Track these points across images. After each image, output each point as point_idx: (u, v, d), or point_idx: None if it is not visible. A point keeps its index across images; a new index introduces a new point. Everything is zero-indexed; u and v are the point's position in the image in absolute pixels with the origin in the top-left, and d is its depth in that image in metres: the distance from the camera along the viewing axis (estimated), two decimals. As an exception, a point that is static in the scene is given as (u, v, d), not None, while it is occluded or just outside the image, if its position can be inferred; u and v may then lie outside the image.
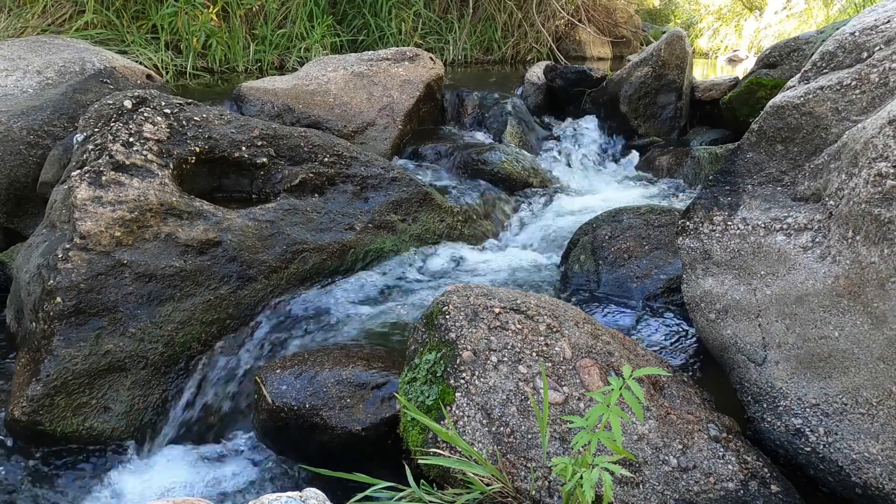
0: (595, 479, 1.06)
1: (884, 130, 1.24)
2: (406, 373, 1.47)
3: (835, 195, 1.39)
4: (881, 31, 1.52)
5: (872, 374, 1.29)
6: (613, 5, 8.05)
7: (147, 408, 1.75)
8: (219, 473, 1.61)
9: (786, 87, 1.67)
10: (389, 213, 2.46)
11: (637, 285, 2.19)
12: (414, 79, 3.72)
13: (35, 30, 4.16)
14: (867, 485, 1.34)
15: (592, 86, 4.28)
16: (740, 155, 1.67)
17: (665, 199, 3.28)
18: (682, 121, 4.01)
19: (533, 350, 1.45)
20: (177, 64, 4.65)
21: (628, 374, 1.12)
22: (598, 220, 2.46)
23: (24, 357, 1.76)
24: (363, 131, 3.36)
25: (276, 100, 3.23)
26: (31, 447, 1.67)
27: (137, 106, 2.16)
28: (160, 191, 1.96)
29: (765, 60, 3.64)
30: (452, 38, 6.45)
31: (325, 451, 1.52)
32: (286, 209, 2.22)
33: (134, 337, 1.77)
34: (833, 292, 1.34)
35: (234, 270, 1.99)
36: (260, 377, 1.61)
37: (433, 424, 1.29)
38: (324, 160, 2.42)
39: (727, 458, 1.39)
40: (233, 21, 4.98)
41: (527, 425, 1.34)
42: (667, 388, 1.53)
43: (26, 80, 2.87)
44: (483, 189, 3.09)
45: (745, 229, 1.55)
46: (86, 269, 1.76)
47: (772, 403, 1.48)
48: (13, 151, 2.50)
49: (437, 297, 1.55)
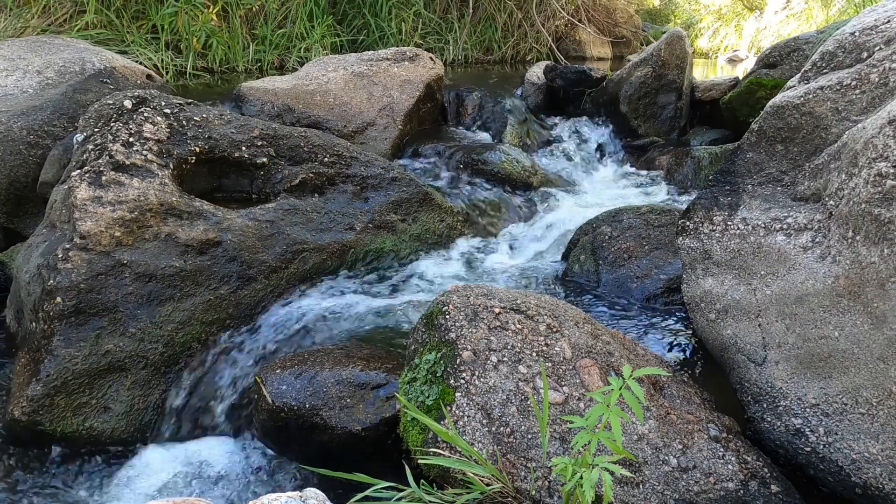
0: (595, 479, 1.06)
1: (884, 130, 1.24)
2: (406, 373, 1.47)
3: (835, 195, 1.39)
4: (881, 31, 1.52)
5: (872, 374, 1.29)
6: (613, 5, 8.05)
7: (147, 408, 1.75)
8: (219, 473, 1.61)
9: (786, 87, 1.67)
10: (389, 213, 2.46)
11: (637, 285, 2.19)
12: (414, 79, 3.72)
13: (35, 30, 4.16)
14: (867, 485, 1.34)
15: (592, 86, 4.28)
16: (740, 155, 1.67)
17: (665, 199, 3.28)
18: (682, 121, 4.01)
19: (533, 350, 1.45)
20: (177, 64, 4.65)
21: (628, 374, 1.11)
22: (598, 220, 2.46)
23: (24, 357, 1.76)
24: (363, 131, 3.36)
25: (276, 100, 3.23)
26: (31, 447, 1.67)
27: (137, 106, 2.16)
28: (160, 191, 1.96)
29: (765, 60, 3.64)
30: (452, 38, 6.44)
31: (325, 451, 1.52)
32: (286, 209, 2.22)
33: (134, 337, 1.77)
34: (833, 292, 1.34)
35: (234, 270, 1.99)
36: (260, 377, 1.61)
37: (433, 424, 1.29)
38: (324, 160, 2.42)
39: (727, 458, 1.39)
40: (233, 21, 4.98)
41: (527, 425, 1.34)
42: (667, 388, 1.53)
43: (26, 80, 2.87)
44: (483, 189, 3.09)
45: (745, 229, 1.55)
46: (86, 269, 1.76)
47: (772, 403, 1.48)
48: (13, 151, 2.50)
49: (437, 297, 1.55)
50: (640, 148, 3.91)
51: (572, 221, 2.91)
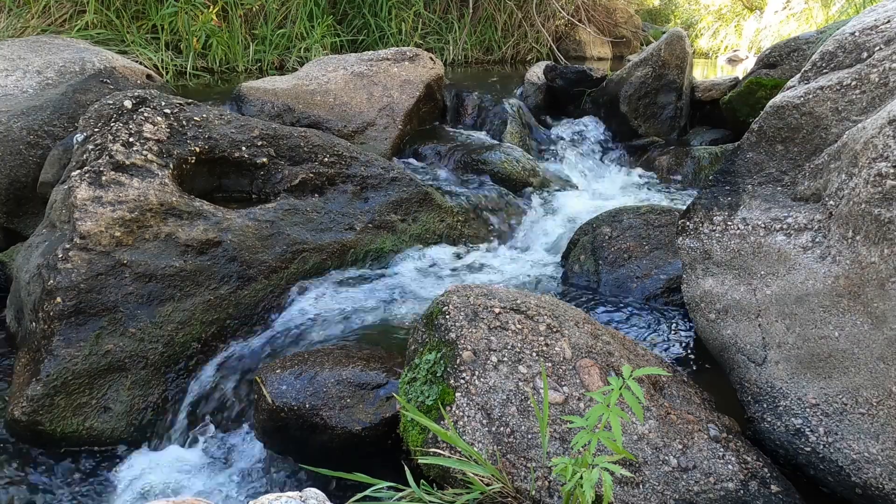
0: (595, 479, 1.06)
1: (884, 130, 1.24)
2: (406, 373, 1.47)
3: (835, 195, 1.39)
4: (881, 31, 1.52)
5: (872, 374, 1.29)
6: (613, 5, 8.05)
7: (147, 408, 1.75)
8: (218, 473, 1.61)
9: (786, 87, 1.67)
10: (389, 213, 2.46)
11: (637, 285, 2.19)
12: (414, 79, 3.72)
13: (35, 30, 4.16)
14: (867, 485, 1.34)
15: (592, 86, 4.28)
16: (740, 155, 1.67)
17: (665, 199, 3.28)
18: (682, 121, 4.01)
19: (533, 350, 1.45)
20: (177, 64, 4.65)
21: (628, 374, 1.12)
22: (598, 220, 2.46)
23: (24, 357, 1.76)
24: (363, 131, 3.36)
25: (276, 100, 3.23)
26: (31, 447, 1.67)
27: (137, 106, 2.16)
28: (160, 191, 1.96)
29: (765, 60, 3.64)
30: (452, 38, 6.44)
31: (325, 451, 1.52)
32: (286, 209, 2.22)
33: (134, 337, 1.77)
34: (833, 292, 1.34)
35: (234, 270, 1.99)
36: (260, 377, 1.61)
37: (433, 425, 1.29)
38: (324, 160, 2.42)
39: (727, 458, 1.39)
40: (233, 21, 4.98)
41: (527, 425, 1.34)
42: (667, 388, 1.53)
43: (26, 80, 2.87)
44: (483, 189, 3.09)
45: (745, 229, 1.55)
46: (86, 269, 1.76)
47: (772, 403, 1.48)
48: (13, 151, 2.50)
49: (437, 296, 1.55)
50: (640, 148, 3.91)
51: (572, 221, 2.91)
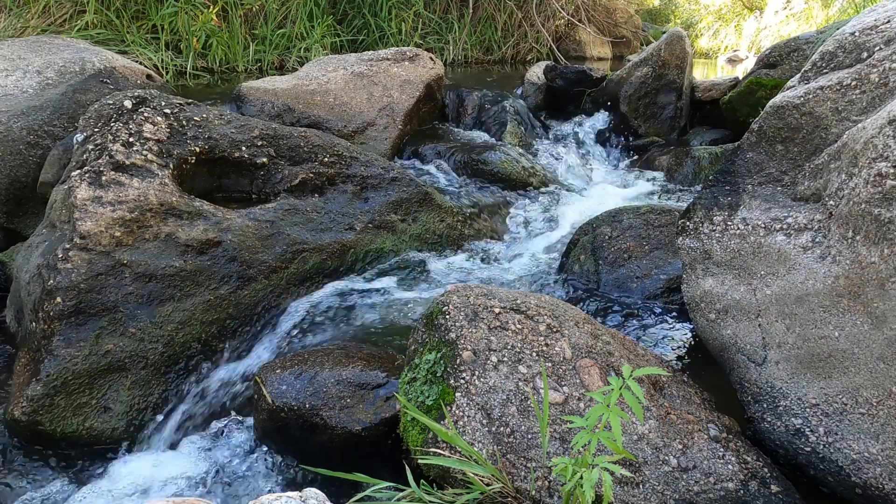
0: (595, 479, 1.06)
1: (884, 130, 1.24)
2: (406, 373, 1.47)
3: (835, 195, 1.39)
4: (881, 31, 1.52)
5: (872, 374, 1.29)
6: (613, 5, 8.05)
7: (147, 408, 1.75)
8: (218, 473, 1.61)
9: (786, 87, 1.67)
10: (389, 213, 2.46)
11: (637, 285, 2.19)
12: (414, 79, 3.72)
13: (35, 30, 4.16)
14: (867, 485, 1.34)
15: (592, 86, 4.28)
16: (740, 155, 1.67)
17: (665, 199, 3.28)
18: (682, 121, 4.01)
19: (533, 350, 1.45)
20: (177, 64, 4.65)
21: (628, 374, 1.12)
22: (598, 220, 2.46)
23: (24, 357, 1.76)
24: (363, 131, 3.36)
25: (276, 100, 3.23)
26: (31, 447, 1.67)
27: (137, 106, 2.16)
28: (160, 191, 1.96)
29: (765, 60, 3.64)
30: (452, 38, 6.44)
31: (325, 451, 1.52)
32: (286, 209, 2.22)
33: (134, 337, 1.77)
34: (833, 292, 1.34)
35: (234, 270, 1.99)
36: (260, 377, 1.61)
37: (433, 424, 1.29)
38: (324, 160, 2.42)
39: (727, 458, 1.39)
40: (233, 21, 4.98)
41: (527, 425, 1.34)
42: (667, 388, 1.53)
43: (26, 80, 2.87)
44: (483, 189, 3.09)
45: (745, 229, 1.55)
46: (86, 269, 1.76)
47: (772, 403, 1.48)
48: (13, 151, 2.50)
49: (437, 296, 1.55)
50: (640, 148, 3.91)
51: (572, 221, 2.91)
